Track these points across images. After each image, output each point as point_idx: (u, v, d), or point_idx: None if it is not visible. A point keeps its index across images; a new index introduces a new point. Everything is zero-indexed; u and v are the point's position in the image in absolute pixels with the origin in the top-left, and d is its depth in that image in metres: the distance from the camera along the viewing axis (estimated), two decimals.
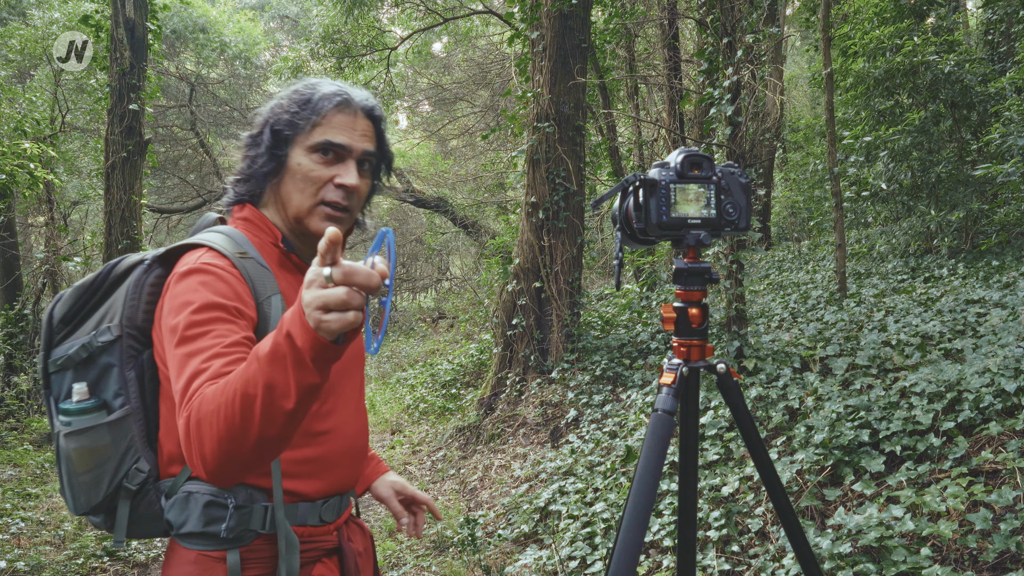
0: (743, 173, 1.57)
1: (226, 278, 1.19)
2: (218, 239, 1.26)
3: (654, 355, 5.79)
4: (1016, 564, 2.34)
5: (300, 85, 1.33)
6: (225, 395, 0.98)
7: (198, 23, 15.56)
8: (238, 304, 1.18)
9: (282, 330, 0.93)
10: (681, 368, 1.50)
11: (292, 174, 1.28)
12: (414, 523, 1.64)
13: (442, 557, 4.02)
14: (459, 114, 15.42)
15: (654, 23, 10.08)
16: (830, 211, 8.36)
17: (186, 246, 1.27)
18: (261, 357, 0.95)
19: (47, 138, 10.32)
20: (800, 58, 17.55)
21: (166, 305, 1.20)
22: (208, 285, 1.17)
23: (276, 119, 1.29)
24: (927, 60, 6.94)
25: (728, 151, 4.86)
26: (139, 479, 1.26)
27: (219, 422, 0.98)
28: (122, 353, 1.26)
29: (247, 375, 0.96)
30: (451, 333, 12.44)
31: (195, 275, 1.18)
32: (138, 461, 1.27)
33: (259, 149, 1.30)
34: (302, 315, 0.91)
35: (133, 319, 1.27)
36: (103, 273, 1.32)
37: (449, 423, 6.70)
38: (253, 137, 1.32)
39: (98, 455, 1.25)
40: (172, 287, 1.20)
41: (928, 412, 3.20)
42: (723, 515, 3.17)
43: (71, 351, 1.28)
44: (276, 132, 1.28)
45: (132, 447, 1.27)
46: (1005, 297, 4.71)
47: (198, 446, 1.00)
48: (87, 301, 1.32)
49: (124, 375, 1.27)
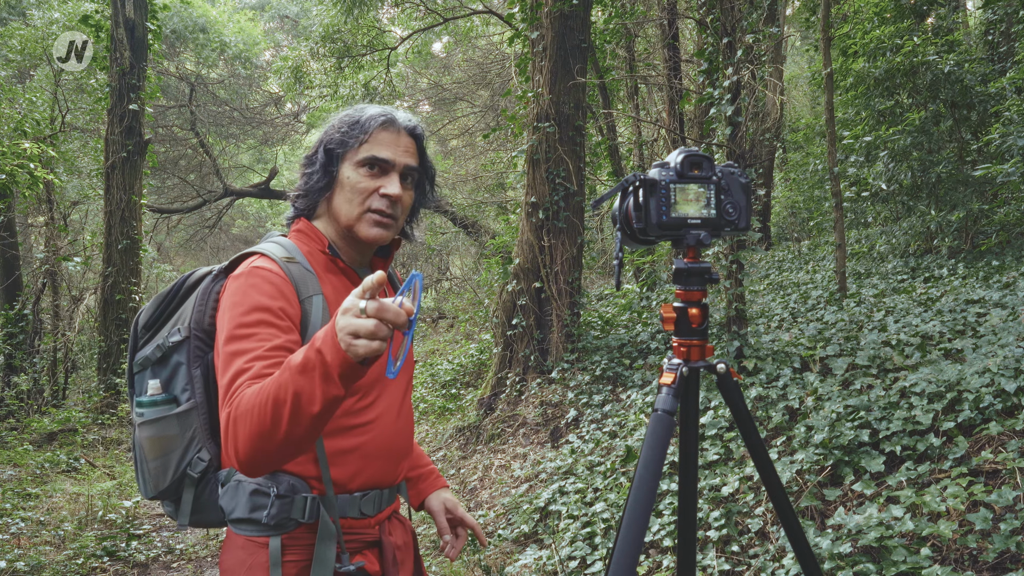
0: (743, 173, 1.57)
1: (273, 280, 1.33)
2: (270, 247, 1.42)
3: (654, 355, 5.79)
4: (1016, 564, 2.34)
5: (351, 109, 1.48)
6: (260, 397, 1.13)
7: (198, 23, 15.56)
8: (283, 303, 1.32)
9: (314, 345, 1.07)
10: (681, 368, 1.50)
11: (342, 187, 1.43)
12: (454, 543, 1.71)
13: (442, 557, 4.02)
14: (459, 114, 15.42)
15: (654, 23, 10.08)
16: (830, 211, 8.36)
17: (245, 255, 1.43)
18: (293, 367, 1.09)
19: (47, 138, 10.32)
20: (800, 58, 17.55)
21: (221, 305, 1.35)
22: (256, 287, 1.32)
23: (329, 139, 1.44)
24: (927, 60, 6.94)
25: (728, 151, 4.86)
26: (201, 467, 1.39)
27: (252, 421, 1.13)
28: (190, 352, 1.41)
29: (280, 381, 1.11)
30: (451, 333, 12.43)
31: (246, 278, 1.34)
32: (200, 451, 1.40)
33: (314, 167, 1.45)
34: (335, 336, 1.05)
35: (200, 322, 1.42)
36: (177, 284, 1.50)
37: (449, 423, 6.70)
38: (309, 157, 1.48)
39: (166, 443, 1.39)
40: (227, 288, 1.35)
41: (928, 412, 3.20)
42: (723, 515, 3.17)
43: (148, 352, 1.44)
44: (328, 151, 1.44)
45: (196, 438, 1.40)
46: (1005, 297, 4.71)
47: (233, 440, 1.16)
48: (164, 309, 1.48)
49: (191, 372, 1.41)
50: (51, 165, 10.15)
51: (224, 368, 1.25)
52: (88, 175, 12.63)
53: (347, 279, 1.49)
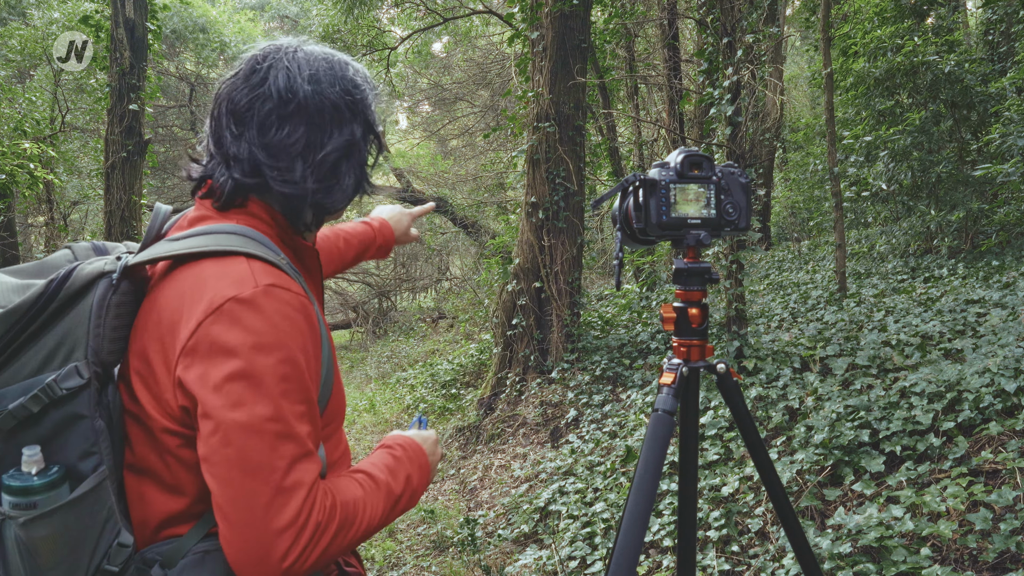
0: (743, 173, 1.57)
1: (301, 310, 1.02)
2: (248, 245, 1.05)
3: (654, 355, 5.79)
4: (1016, 564, 2.34)
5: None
6: (353, 511, 1.05)
7: (198, 23, 15.57)
8: (312, 347, 1.04)
9: (412, 481, 1.18)
10: (681, 368, 1.50)
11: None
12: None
13: (442, 557, 4.02)
14: (459, 114, 15.42)
15: (654, 23, 10.08)
16: (830, 211, 8.36)
17: (208, 254, 1.03)
18: (389, 490, 1.13)
19: (47, 138, 10.32)
20: (800, 58, 17.55)
21: (217, 335, 0.96)
22: (289, 331, 0.99)
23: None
24: (927, 60, 6.94)
25: (728, 151, 4.86)
26: (122, 557, 1.00)
27: (347, 537, 1.03)
28: (90, 399, 0.97)
29: (372, 503, 1.09)
30: (451, 333, 12.43)
31: (269, 310, 0.98)
32: (119, 534, 1.00)
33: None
34: (429, 471, 1.25)
35: (99, 352, 0.99)
36: (49, 290, 0.99)
37: (449, 423, 6.70)
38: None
39: (70, 540, 0.96)
40: (236, 315, 0.96)
41: (928, 412, 3.20)
42: (723, 515, 3.17)
43: (13, 405, 0.94)
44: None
45: (111, 518, 0.99)
46: (1005, 297, 4.70)
47: (312, 548, 0.96)
48: (24, 328, 0.98)
49: (95, 427, 0.98)
50: (51, 165, 10.15)
51: (269, 448, 0.94)
52: (88, 175, 12.64)
53: (302, 264, 1.22)
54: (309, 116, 1.09)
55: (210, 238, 1.05)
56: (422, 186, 15.98)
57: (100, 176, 9.91)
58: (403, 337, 14.56)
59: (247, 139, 1.09)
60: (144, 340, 1.03)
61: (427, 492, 5.34)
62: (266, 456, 0.94)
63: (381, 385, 10.33)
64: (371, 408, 8.59)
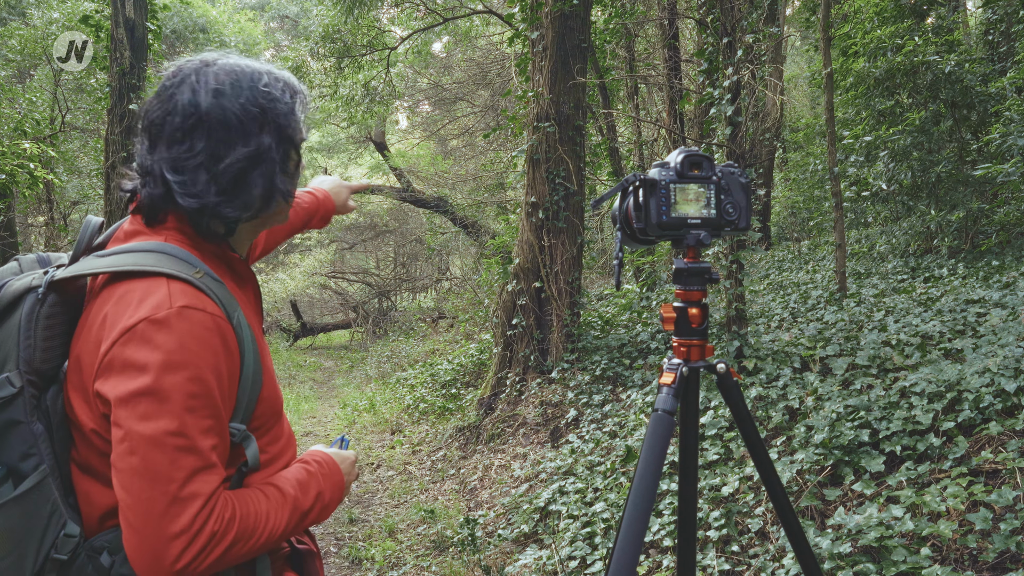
0: (743, 173, 1.57)
1: (215, 330, 1.07)
2: (165, 263, 1.10)
3: (654, 355, 5.79)
4: (1016, 564, 2.34)
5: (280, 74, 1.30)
6: (254, 522, 1.11)
7: (198, 23, 15.57)
8: (228, 368, 1.10)
9: (324, 496, 1.24)
10: (681, 368, 1.50)
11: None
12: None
13: (442, 557, 4.02)
14: (459, 114, 15.42)
15: (654, 23, 10.08)
16: (830, 211, 8.36)
17: (127, 274, 1.09)
18: (296, 504, 1.18)
19: (47, 138, 10.32)
20: (800, 58, 17.54)
21: (131, 357, 1.02)
22: (199, 352, 1.05)
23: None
24: (927, 60, 6.93)
25: (728, 151, 4.86)
26: (70, 546, 1.07)
27: (245, 546, 1.09)
28: (26, 405, 1.06)
29: (276, 515, 1.15)
30: (451, 333, 12.43)
31: (180, 331, 1.04)
32: (65, 526, 1.08)
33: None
34: (343, 488, 1.30)
35: (31, 362, 1.07)
36: None
37: (449, 423, 6.70)
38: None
39: (17, 532, 1.04)
40: (148, 335, 1.02)
41: (928, 412, 3.20)
42: (723, 515, 3.17)
43: None
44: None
45: (55, 512, 1.07)
46: (1005, 297, 4.70)
47: (219, 551, 1.05)
48: None
49: (32, 430, 1.06)
50: (51, 165, 10.15)
51: (170, 460, 1.01)
52: (88, 175, 12.64)
53: (236, 273, 1.27)
54: (210, 129, 1.12)
55: (132, 256, 1.11)
56: (422, 186, 15.98)
57: (100, 176, 9.91)
58: (403, 337, 14.56)
59: (157, 154, 1.14)
60: (78, 349, 1.11)
61: (426, 492, 5.35)
62: (166, 468, 1.01)
63: (381, 385, 10.33)
64: (371, 408, 8.59)
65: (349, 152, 21.64)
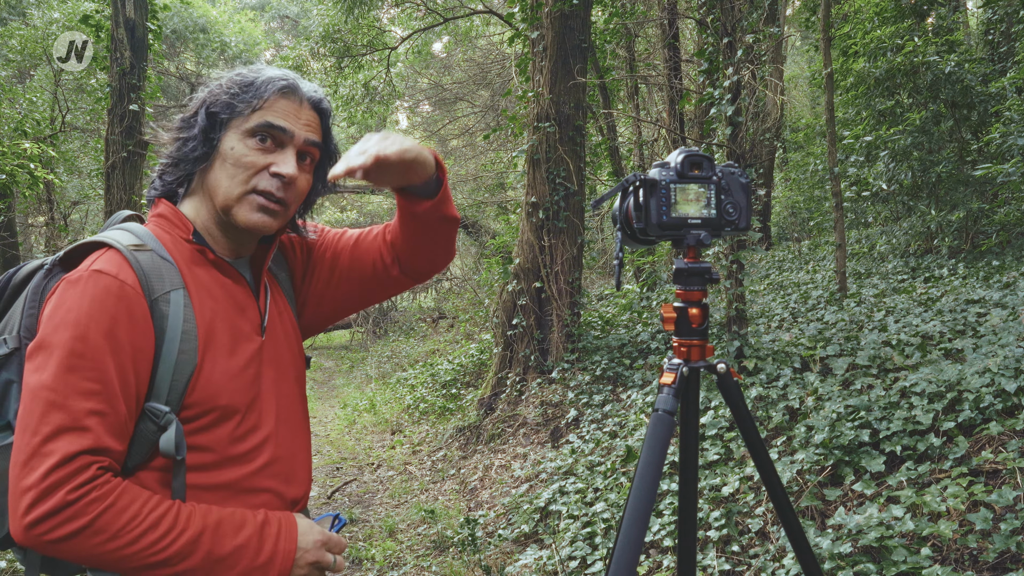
0: (743, 173, 1.57)
1: (119, 295, 1.08)
2: (116, 235, 1.16)
3: (654, 355, 5.79)
4: (1016, 564, 2.34)
5: (244, 68, 1.26)
6: (161, 532, 1.06)
7: (198, 23, 15.58)
8: (126, 336, 1.08)
9: (253, 554, 1.12)
10: (681, 368, 1.50)
11: (223, 159, 1.19)
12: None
13: (442, 557, 4.02)
14: (459, 114, 15.42)
15: (654, 23, 10.09)
16: (830, 211, 8.36)
17: (90, 244, 1.16)
18: (233, 540, 1.11)
19: (47, 138, 10.32)
20: (800, 58, 17.55)
21: (45, 312, 1.10)
22: (95, 312, 1.06)
23: (213, 100, 1.21)
24: (927, 60, 6.94)
25: (728, 151, 4.86)
26: None
27: (115, 548, 1.03)
28: (20, 367, 1.13)
29: (202, 544, 1.08)
30: (451, 333, 12.43)
31: (82, 289, 1.08)
32: None
33: (191, 132, 1.21)
34: (290, 556, 1.16)
35: (31, 328, 1.14)
36: (1, 283, 1.23)
37: (449, 423, 6.70)
38: (185, 119, 1.23)
39: (4, 479, 1.11)
40: (57, 295, 1.10)
41: (928, 412, 3.20)
42: (723, 515, 3.17)
43: None
44: (212, 114, 1.20)
45: None
46: (1005, 297, 4.70)
47: (65, 529, 1.01)
48: None
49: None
50: (51, 165, 10.16)
51: (40, 413, 1.03)
52: (88, 175, 12.64)
53: (220, 273, 1.23)
54: (178, 131, 1.25)
55: (108, 232, 1.20)
56: None
57: (100, 176, 9.90)
58: (403, 337, 14.56)
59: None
60: None
61: (426, 492, 5.34)
62: (34, 421, 1.03)
63: (381, 385, 10.33)
64: (371, 408, 8.59)
65: None
